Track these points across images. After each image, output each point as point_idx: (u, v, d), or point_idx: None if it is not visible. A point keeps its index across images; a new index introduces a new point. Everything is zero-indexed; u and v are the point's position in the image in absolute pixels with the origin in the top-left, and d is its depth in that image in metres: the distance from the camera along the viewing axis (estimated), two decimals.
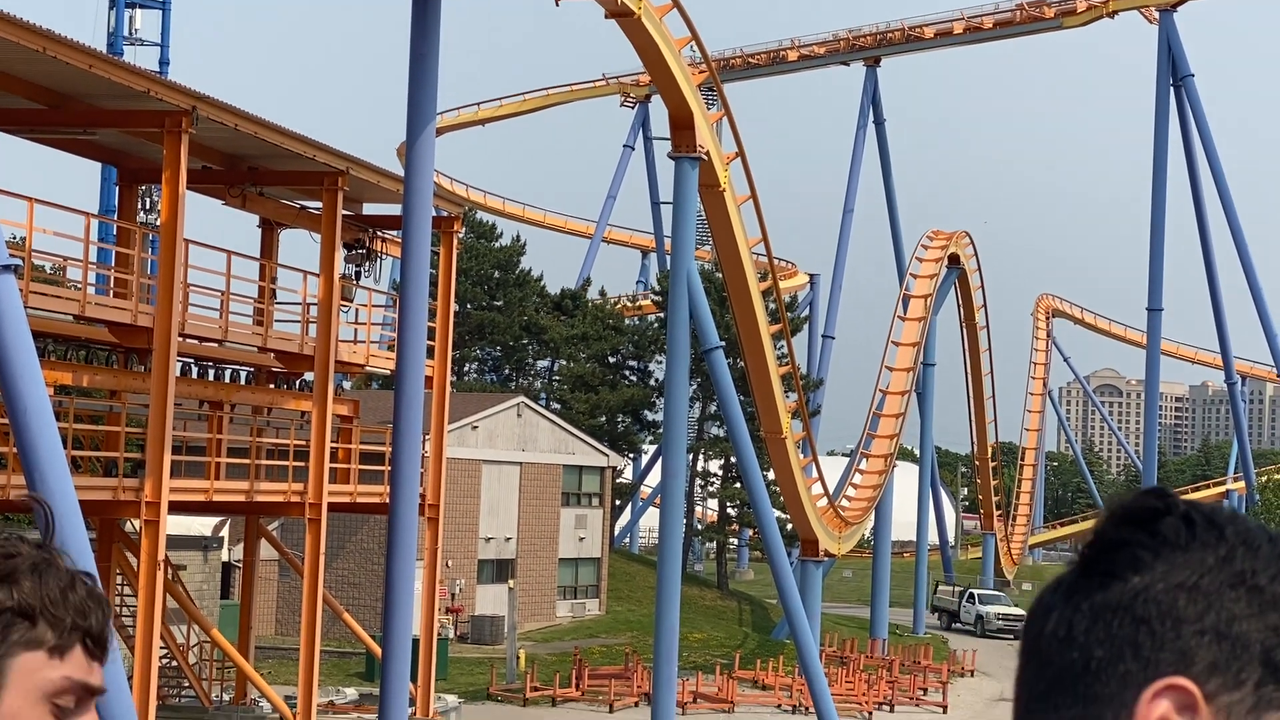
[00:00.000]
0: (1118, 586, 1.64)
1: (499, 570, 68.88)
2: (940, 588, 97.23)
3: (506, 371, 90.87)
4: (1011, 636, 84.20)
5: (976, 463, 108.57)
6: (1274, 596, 1.63)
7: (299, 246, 44.12)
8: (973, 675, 71.46)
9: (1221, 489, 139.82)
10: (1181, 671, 1.60)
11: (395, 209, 38.80)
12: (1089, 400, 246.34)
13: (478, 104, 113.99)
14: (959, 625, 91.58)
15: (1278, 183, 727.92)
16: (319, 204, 39.50)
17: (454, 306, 45.73)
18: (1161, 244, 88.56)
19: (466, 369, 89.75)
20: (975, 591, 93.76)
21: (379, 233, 43.51)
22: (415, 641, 35.59)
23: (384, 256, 44.04)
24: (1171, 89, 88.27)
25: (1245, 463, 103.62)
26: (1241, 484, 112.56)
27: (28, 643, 2.00)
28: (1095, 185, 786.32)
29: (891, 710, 59.90)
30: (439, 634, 47.48)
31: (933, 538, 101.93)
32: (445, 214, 44.13)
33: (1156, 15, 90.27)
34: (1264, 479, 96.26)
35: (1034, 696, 1.67)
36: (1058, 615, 1.67)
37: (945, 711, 60.32)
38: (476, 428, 67.76)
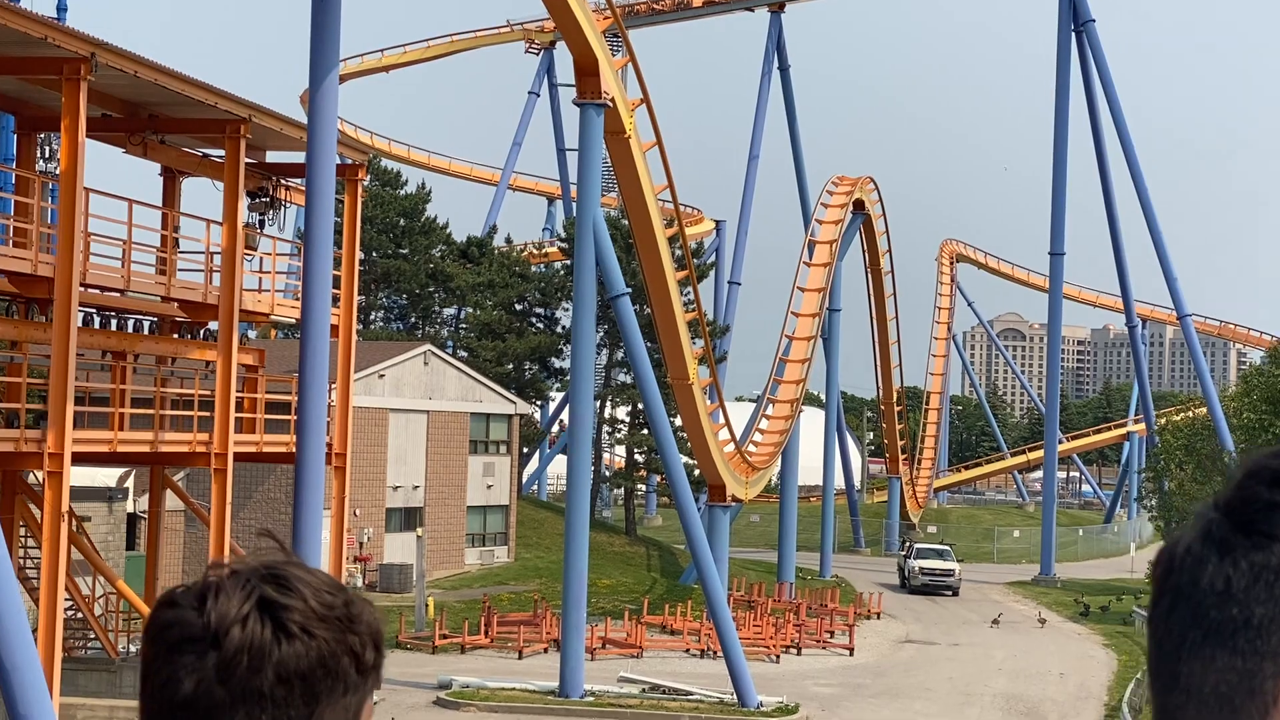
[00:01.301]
0: (1277, 548, 1.71)
1: (407, 518, 68.84)
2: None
3: (413, 320, 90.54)
4: (948, 591, 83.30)
5: (882, 407, 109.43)
6: None
7: (202, 195, 43.82)
8: (879, 618, 72.20)
9: (1123, 431, 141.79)
10: None
11: (299, 157, 38.52)
12: (993, 344, 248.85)
13: (381, 51, 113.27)
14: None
15: (1177, 128, 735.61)
16: (222, 152, 39.14)
17: (359, 255, 45.50)
18: (1063, 189, 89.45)
19: (372, 317, 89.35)
20: (918, 545, 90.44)
21: (283, 181, 43.18)
22: None
23: (288, 205, 43.70)
24: (1073, 34, 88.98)
25: (1145, 405, 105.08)
26: (1142, 426, 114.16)
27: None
28: (999, 131, 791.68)
29: (799, 653, 60.42)
30: (347, 583, 47.40)
31: (839, 482, 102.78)
32: (349, 161, 43.84)
33: None
34: (1163, 421, 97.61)
35: (1188, 644, 1.73)
36: (1214, 569, 1.73)
37: (852, 654, 60.90)
38: (383, 376, 67.56)
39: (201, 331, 41.06)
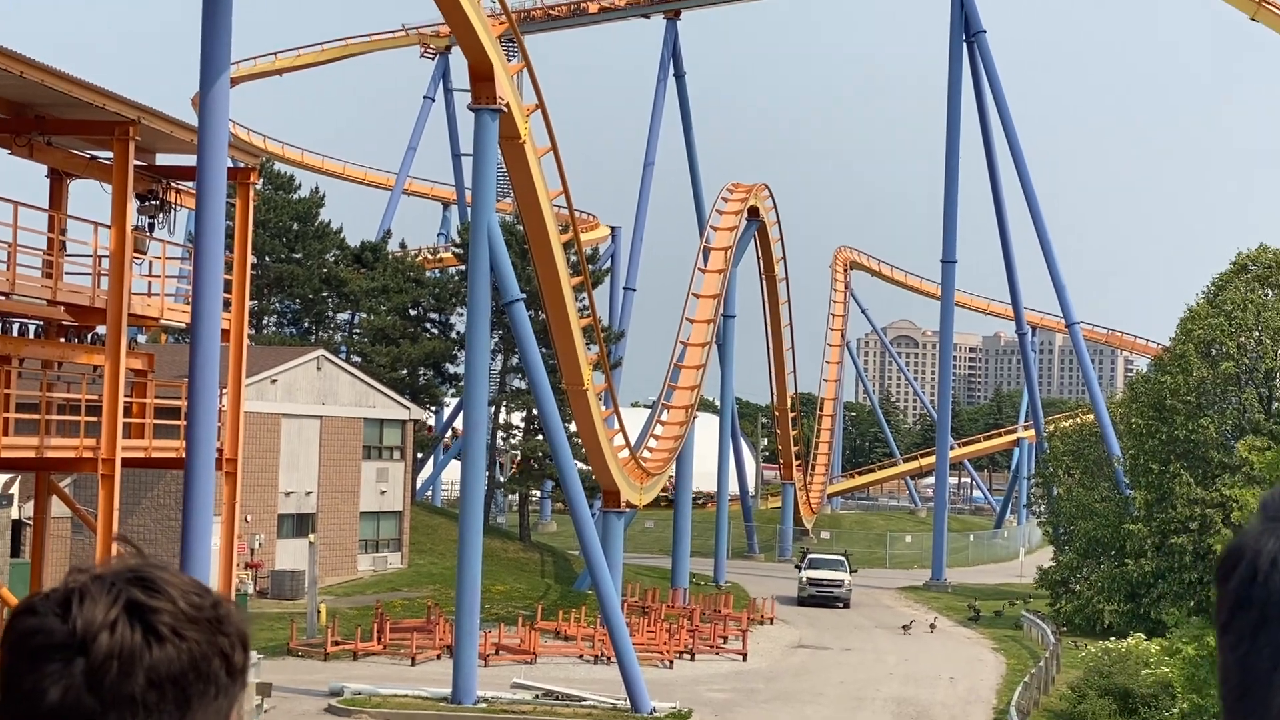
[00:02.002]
0: None
1: (299, 524, 68.33)
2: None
3: (306, 324, 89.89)
4: (839, 604, 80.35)
5: (776, 413, 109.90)
6: None
7: (90, 197, 43.19)
8: (772, 623, 72.51)
9: (1013, 437, 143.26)
10: None
11: (190, 160, 38.13)
12: (886, 351, 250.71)
13: (275, 53, 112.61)
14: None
15: (1067, 137, 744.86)
16: (110, 154, 38.66)
17: (251, 259, 45.13)
18: (955, 197, 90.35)
19: (265, 322, 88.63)
20: (812, 555, 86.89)
21: (173, 184, 42.69)
22: None
23: (178, 208, 43.21)
24: (965, 45, 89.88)
25: (1035, 411, 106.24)
26: (1031, 432, 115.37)
27: None
28: (893, 139, 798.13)
29: (692, 659, 60.56)
30: (238, 590, 47.08)
31: (733, 488, 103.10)
32: (241, 165, 43.41)
33: None
34: (1052, 427, 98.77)
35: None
36: None
37: (745, 659, 61.12)
38: (276, 381, 67.04)
39: (89, 336, 40.53)
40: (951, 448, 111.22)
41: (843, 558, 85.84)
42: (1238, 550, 1.68)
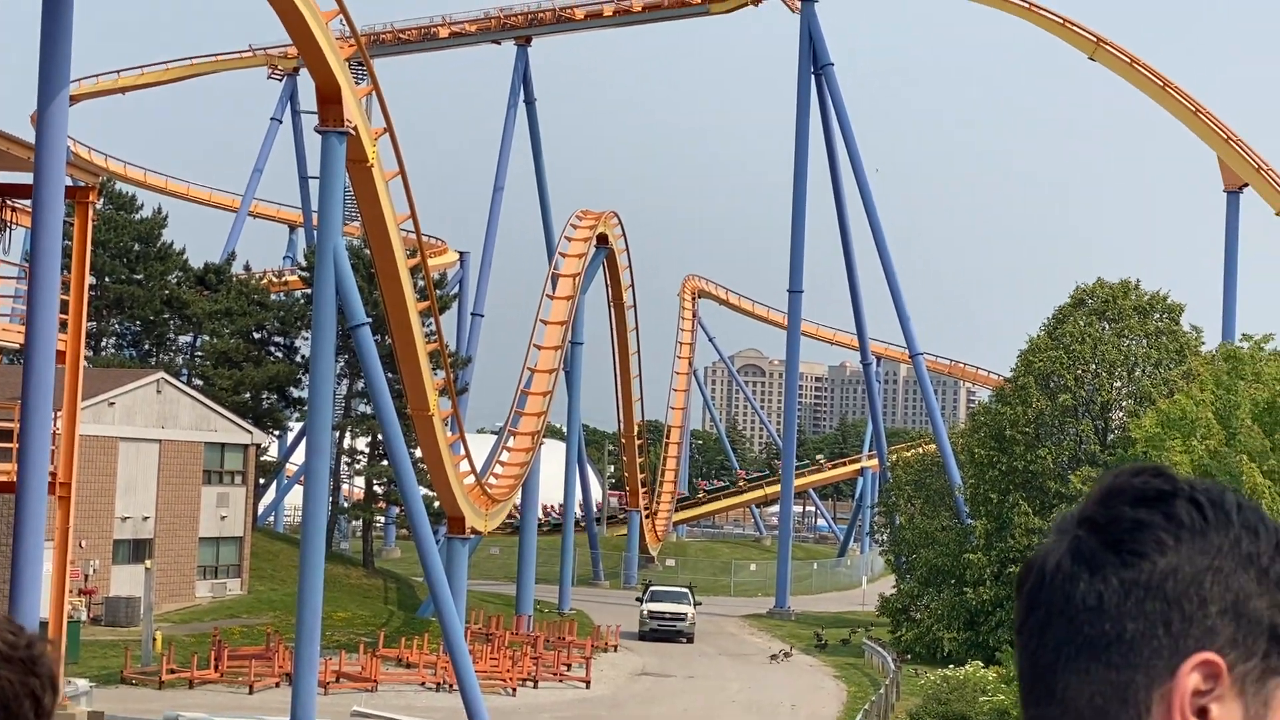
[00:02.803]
0: (1146, 566, 1.80)
1: (136, 550, 67.14)
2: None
3: (147, 347, 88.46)
4: (683, 639, 77.24)
5: (623, 440, 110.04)
6: (1277, 576, 1.81)
7: None
8: (616, 650, 72.48)
9: (857, 466, 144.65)
10: (1208, 646, 1.77)
11: (27, 178, 37.40)
12: (733, 380, 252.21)
13: (119, 72, 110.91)
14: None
15: (913, 170, 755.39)
16: None
17: (90, 279, 44.34)
18: (802, 228, 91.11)
19: (104, 344, 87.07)
20: (654, 586, 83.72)
21: (9, 202, 41.86)
22: (44, 625, 34.47)
23: (14, 226, 42.39)
24: (813, 77, 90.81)
25: (879, 441, 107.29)
26: (875, 461, 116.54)
27: None
28: (741, 169, 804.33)
29: (535, 686, 60.33)
30: (70, 616, 46.08)
31: (579, 515, 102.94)
32: (80, 184, 42.66)
33: (798, 4, 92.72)
34: (895, 457, 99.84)
35: (1064, 658, 1.81)
36: (1086, 585, 1.81)
37: (588, 686, 61.01)
38: (114, 404, 65.89)
39: None
40: (796, 476, 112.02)
41: (686, 590, 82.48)
42: (1031, 562, 1.90)
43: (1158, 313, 74.21)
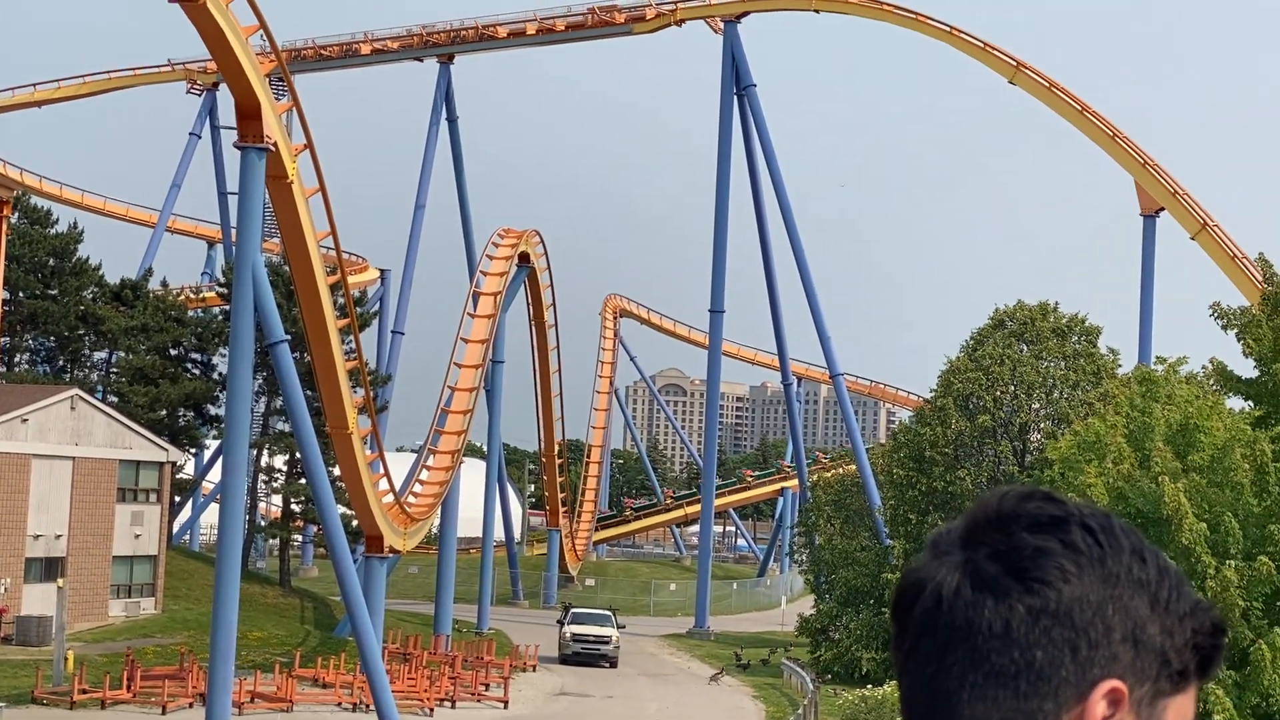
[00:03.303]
0: (1052, 594, 1.79)
1: (48, 568, 66.29)
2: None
3: (61, 363, 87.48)
4: (605, 663, 75.28)
5: (544, 459, 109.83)
6: (1165, 601, 1.83)
7: None
8: (534, 670, 72.22)
9: (777, 486, 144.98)
10: (1112, 673, 1.79)
11: None
12: (654, 399, 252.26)
13: (34, 85, 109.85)
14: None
15: (832, 190, 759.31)
16: None
17: (3, 294, 43.83)
18: (724, 247, 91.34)
19: (17, 360, 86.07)
20: (575, 609, 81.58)
21: None
22: None
23: None
24: (735, 97, 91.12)
25: (799, 461, 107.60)
26: (795, 481, 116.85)
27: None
28: (664, 190, 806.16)
29: (453, 706, 60.00)
30: None
31: (499, 534, 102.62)
32: None
33: (721, 26, 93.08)
34: (815, 477, 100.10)
35: (970, 686, 1.79)
36: (991, 612, 1.80)
37: (506, 706, 60.73)
38: (26, 420, 65.10)
39: None
40: (716, 496, 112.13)
41: (609, 612, 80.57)
42: (917, 583, 1.86)
43: (1075, 335, 74.74)
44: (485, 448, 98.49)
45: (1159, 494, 33.03)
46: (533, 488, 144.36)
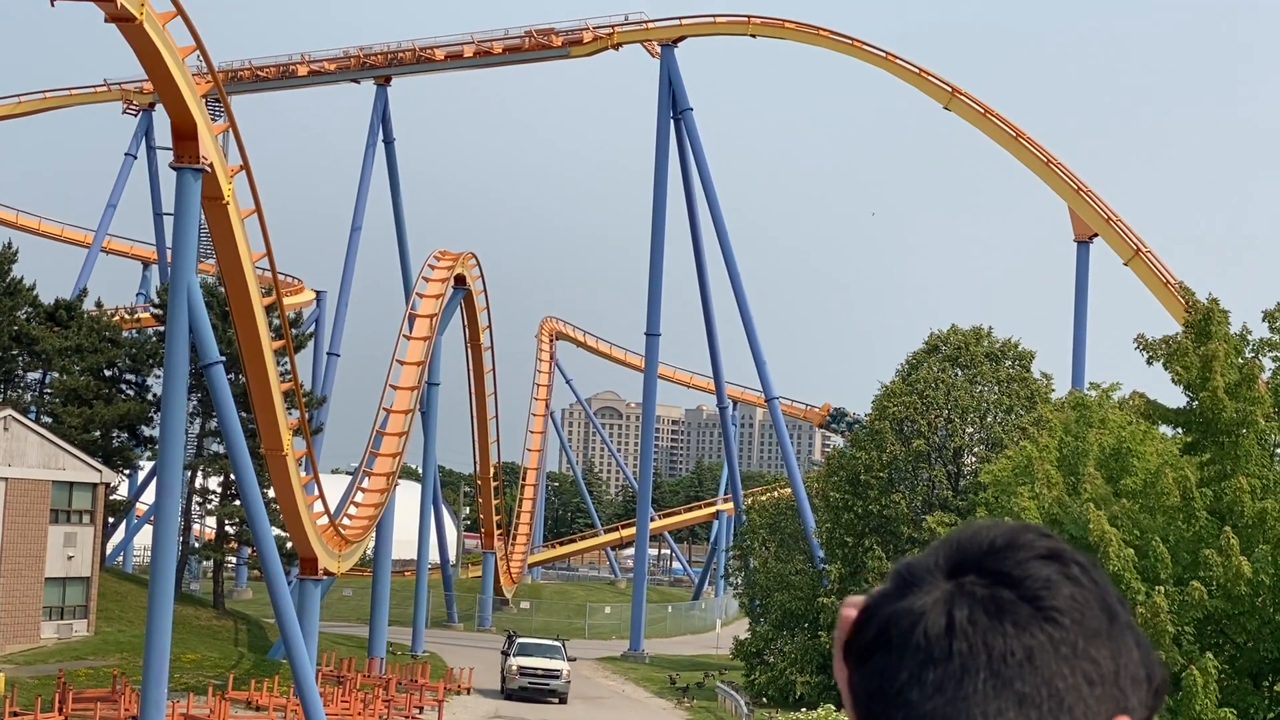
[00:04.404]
0: (1068, 623, 1.78)
1: None
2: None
3: None
4: (554, 699, 70.89)
5: (479, 482, 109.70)
6: (1143, 644, 1.85)
7: None
8: (469, 693, 72.08)
9: (712, 510, 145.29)
10: (1123, 708, 1.79)
11: None
12: (590, 422, 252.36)
13: None
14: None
15: (772, 215, 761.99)
16: None
17: None
18: (660, 271, 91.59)
19: None
20: (522, 639, 76.27)
21: None
22: None
23: None
24: (672, 121, 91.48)
25: (734, 484, 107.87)
26: (730, 505, 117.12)
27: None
28: (601, 212, 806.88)
29: None
30: None
31: (434, 556, 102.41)
32: None
33: (659, 50, 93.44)
34: (750, 500, 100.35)
35: (996, 713, 1.74)
36: (1013, 639, 1.77)
37: None
38: None
39: None
40: (652, 519, 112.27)
41: (559, 643, 75.71)
42: (906, 612, 1.80)
43: (1009, 360, 75.35)
44: (420, 470, 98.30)
45: (1088, 519, 33.38)
46: (468, 510, 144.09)
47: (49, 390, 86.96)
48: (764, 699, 71.97)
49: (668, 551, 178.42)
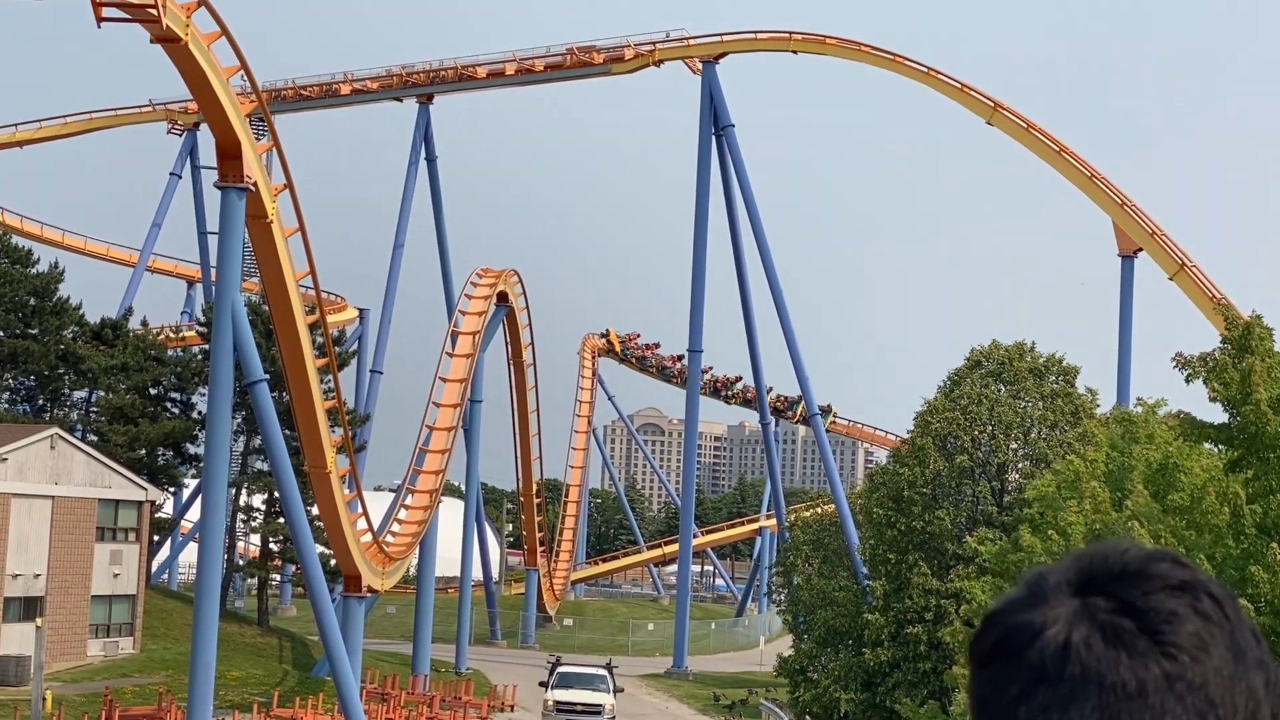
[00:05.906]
0: (1186, 660, 1.74)
1: (26, 608, 66.10)
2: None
3: (41, 402, 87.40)
4: None
5: (522, 499, 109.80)
6: (1275, 684, 1.80)
7: None
8: (513, 710, 72.08)
9: (755, 526, 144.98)
10: None
11: None
12: (632, 439, 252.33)
13: (16, 125, 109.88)
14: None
15: (814, 232, 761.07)
16: None
17: None
18: (702, 287, 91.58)
19: None
20: (563, 669, 68.67)
21: None
22: None
23: None
24: (714, 138, 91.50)
25: (777, 501, 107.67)
26: (773, 521, 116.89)
27: None
28: (643, 229, 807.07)
29: None
30: None
31: (477, 573, 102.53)
32: None
33: (700, 66, 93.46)
34: (793, 516, 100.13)
35: None
36: (1125, 670, 1.74)
37: None
38: (6, 460, 65.01)
39: None
40: (695, 536, 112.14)
41: (604, 671, 68.30)
42: (1027, 625, 1.78)
43: (1053, 375, 74.93)
44: (463, 487, 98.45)
45: (1133, 536, 33.19)
46: (511, 527, 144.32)
47: (95, 409, 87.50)
48: (808, 716, 71.73)
49: (711, 568, 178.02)
